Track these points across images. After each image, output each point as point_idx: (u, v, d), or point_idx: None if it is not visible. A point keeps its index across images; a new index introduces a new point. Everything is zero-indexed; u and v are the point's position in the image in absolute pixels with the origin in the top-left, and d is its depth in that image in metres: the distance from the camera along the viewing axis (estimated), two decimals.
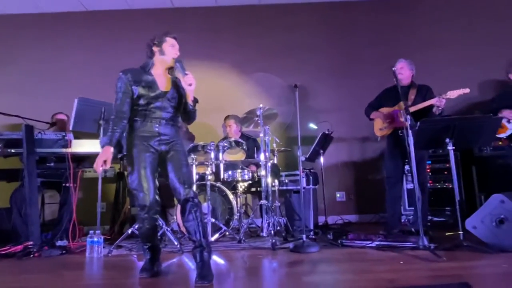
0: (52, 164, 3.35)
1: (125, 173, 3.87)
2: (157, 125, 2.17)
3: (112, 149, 2.10)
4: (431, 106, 3.19)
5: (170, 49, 2.26)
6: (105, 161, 2.05)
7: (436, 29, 4.91)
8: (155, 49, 2.27)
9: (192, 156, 3.36)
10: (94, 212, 3.20)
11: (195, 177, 3.35)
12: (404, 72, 3.39)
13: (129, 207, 3.71)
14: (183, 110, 2.29)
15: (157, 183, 2.18)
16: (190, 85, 2.14)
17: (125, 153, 2.22)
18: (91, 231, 2.86)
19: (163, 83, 2.23)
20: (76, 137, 3.48)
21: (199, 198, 2.25)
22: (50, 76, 4.82)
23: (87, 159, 3.66)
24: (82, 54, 4.89)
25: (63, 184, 3.26)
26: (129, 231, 3.04)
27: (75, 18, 5.01)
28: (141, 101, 2.16)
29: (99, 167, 2.04)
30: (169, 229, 3.09)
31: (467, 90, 3.01)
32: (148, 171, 2.11)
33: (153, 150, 2.16)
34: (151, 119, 2.17)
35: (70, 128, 3.23)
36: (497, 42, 4.77)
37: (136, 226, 2.88)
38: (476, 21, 4.90)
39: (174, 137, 2.23)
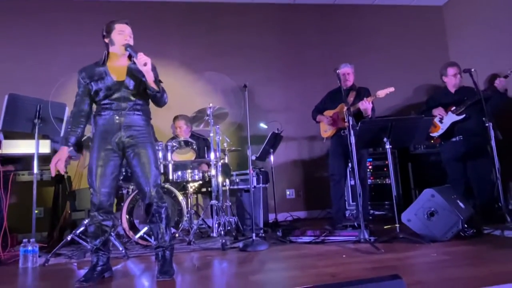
0: None
1: (65, 175, 3.62)
2: (117, 117, 2.13)
3: (67, 150, 2.12)
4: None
5: (118, 37, 2.18)
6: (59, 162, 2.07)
7: (376, 35, 5.23)
8: (106, 40, 2.22)
9: None
10: (30, 218, 2.96)
11: None
12: (350, 78, 3.58)
13: (69, 211, 3.49)
14: (149, 96, 2.19)
15: (115, 183, 2.15)
16: (144, 65, 2.04)
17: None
18: (24, 240, 2.64)
19: (118, 73, 2.17)
20: (7, 137, 3.21)
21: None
22: None
23: (20, 161, 3.38)
24: (14, 46, 4.47)
25: None
26: (69, 237, 2.85)
27: (7, 6, 4.57)
28: (100, 95, 2.14)
29: (52, 168, 2.06)
30: (113, 234, 2.94)
31: (392, 89, 3.23)
32: (104, 169, 2.08)
33: (115, 148, 2.12)
34: (112, 111, 2.14)
35: (0, 128, 2.94)
36: (433, 48, 5.21)
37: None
38: (412, 29, 5.30)
39: (140, 129, 2.17)
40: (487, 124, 3.02)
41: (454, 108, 3.46)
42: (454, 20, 5.25)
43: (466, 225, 2.67)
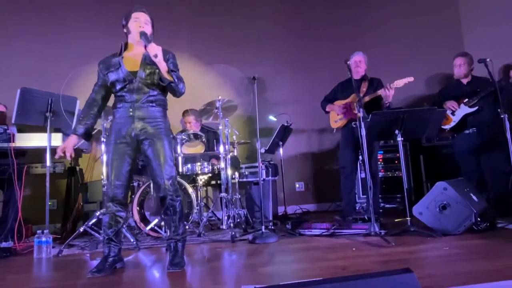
0: None
1: (77, 168, 3.68)
2: (131, 110, 2.13)
3: (75, 138, 2.18)
4: (382, 98, 3.33)
5: (134, 24, 2.17)
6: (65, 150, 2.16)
7: (388, 25, 5.11)
8: (124, 30, 2.23)
9: None
10: (44, 210, 3.01)
11: None
12: (362, 66, 3.52)
13: (81, 203, 3.54)
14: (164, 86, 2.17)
15: (130, 176, 2.16)
16: (155, 56, 2.01)
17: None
18: (38, 231, 2.70)
19: (132, 64, 2.15)
20: (20, 131, 3.26)
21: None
22: None
23: (34, 154, 3.44)
24: (26, 40, 4.52)
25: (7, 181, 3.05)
26: (81, 229, 2.90)
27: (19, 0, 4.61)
28: (117, 87, 2.15)
29: (58, 150, 2.16)
30: (125, 226, 2.98)
31: (411, 79, 3.17)
32: (119, 163, 2.11)
33: (129, 141, 2.13)
34: (126, 103, 2.14)
35: (13, 121, 2.99)
36: (447, 38, 5.07)
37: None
38: (426, 18, 5.16)
39: (154, 121, 2.15)
40: (502, 116, 2.94)
41: (466, 100, 3.39)
42: (469, 8, 5.09)
43: (479, 219, 2.62)
